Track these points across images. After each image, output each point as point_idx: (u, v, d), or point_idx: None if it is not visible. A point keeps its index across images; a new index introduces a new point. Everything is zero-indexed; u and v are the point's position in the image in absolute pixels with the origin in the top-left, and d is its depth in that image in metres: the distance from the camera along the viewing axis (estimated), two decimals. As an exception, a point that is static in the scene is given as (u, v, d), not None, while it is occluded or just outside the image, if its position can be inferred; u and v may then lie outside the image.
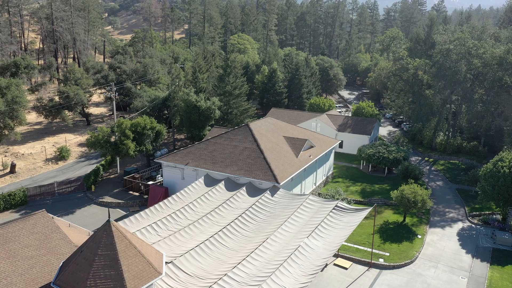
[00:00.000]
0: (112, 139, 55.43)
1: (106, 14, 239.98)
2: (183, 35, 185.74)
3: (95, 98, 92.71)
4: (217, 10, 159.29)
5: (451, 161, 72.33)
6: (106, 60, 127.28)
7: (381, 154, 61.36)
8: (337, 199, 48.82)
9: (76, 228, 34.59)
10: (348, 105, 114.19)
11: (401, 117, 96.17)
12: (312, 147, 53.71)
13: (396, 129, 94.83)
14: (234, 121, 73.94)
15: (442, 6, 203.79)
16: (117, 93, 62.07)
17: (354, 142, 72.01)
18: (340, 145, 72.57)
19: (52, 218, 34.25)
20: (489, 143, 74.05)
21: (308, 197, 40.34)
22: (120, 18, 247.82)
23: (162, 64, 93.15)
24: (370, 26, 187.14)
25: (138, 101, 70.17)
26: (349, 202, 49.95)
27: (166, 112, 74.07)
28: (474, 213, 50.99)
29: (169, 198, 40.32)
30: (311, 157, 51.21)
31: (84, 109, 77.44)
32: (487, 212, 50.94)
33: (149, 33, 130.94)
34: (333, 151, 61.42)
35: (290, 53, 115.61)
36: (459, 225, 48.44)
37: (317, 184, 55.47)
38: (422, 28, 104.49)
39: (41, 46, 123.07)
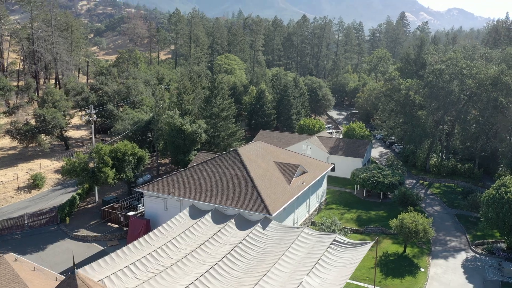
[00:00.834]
0: (91, 165, 51.47)
1: (92, 35, 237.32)
2: (169, 56, 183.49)
3: (76, 120, 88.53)
4: (203, 30, 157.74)
5: (446, 183, 69.97)
6: (89, 81, 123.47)
7: (376, 178, 58.56)
8: (333, 229, 45.48)
9: (41, 272, 30.36)
10: (339, 126, 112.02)
11: (393, 138, 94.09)
12: (304, 172, 50.57)
13: (387, 150, 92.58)
14: (222, 144, 70.58)
15: (427, 28, 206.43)
16: (96, 116, 58.32)
17: (346, 166, 69.18)
18: (332, 169, 69.53)
19: (16, 260, 30.30)
20: (484, 164, 72.07)
21: (303, 230, 36.94)
22: (106, 39, 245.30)
23: (146, 85, 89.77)
24: (356, 47, 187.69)
25: (120, 124, 66.47)
26: (346, 232, 46.69)
27: (149, 135, 70.40)
28: (477, 241, 48.14)
29: (150, 234, 36.47)
30: (304, 184, 48.00)
31: (63, 132, 73.29)
32: (491, 240, 48.14)
33: (134, 53, 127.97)
34: (326, 175, 58.43)
35: (278, 73, 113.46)
36: (463, 256, 45.43)
37: (310, 212, 52.12)
38: (412, 48, 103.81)
39: (21, 66, 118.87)
